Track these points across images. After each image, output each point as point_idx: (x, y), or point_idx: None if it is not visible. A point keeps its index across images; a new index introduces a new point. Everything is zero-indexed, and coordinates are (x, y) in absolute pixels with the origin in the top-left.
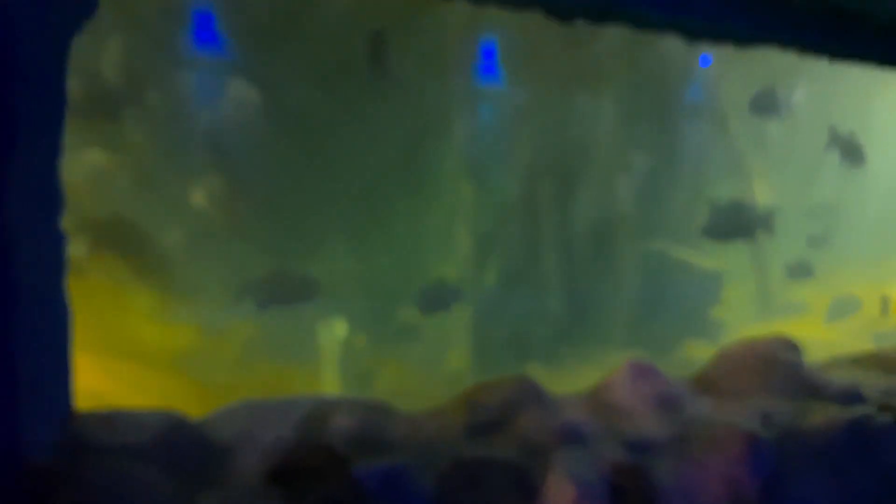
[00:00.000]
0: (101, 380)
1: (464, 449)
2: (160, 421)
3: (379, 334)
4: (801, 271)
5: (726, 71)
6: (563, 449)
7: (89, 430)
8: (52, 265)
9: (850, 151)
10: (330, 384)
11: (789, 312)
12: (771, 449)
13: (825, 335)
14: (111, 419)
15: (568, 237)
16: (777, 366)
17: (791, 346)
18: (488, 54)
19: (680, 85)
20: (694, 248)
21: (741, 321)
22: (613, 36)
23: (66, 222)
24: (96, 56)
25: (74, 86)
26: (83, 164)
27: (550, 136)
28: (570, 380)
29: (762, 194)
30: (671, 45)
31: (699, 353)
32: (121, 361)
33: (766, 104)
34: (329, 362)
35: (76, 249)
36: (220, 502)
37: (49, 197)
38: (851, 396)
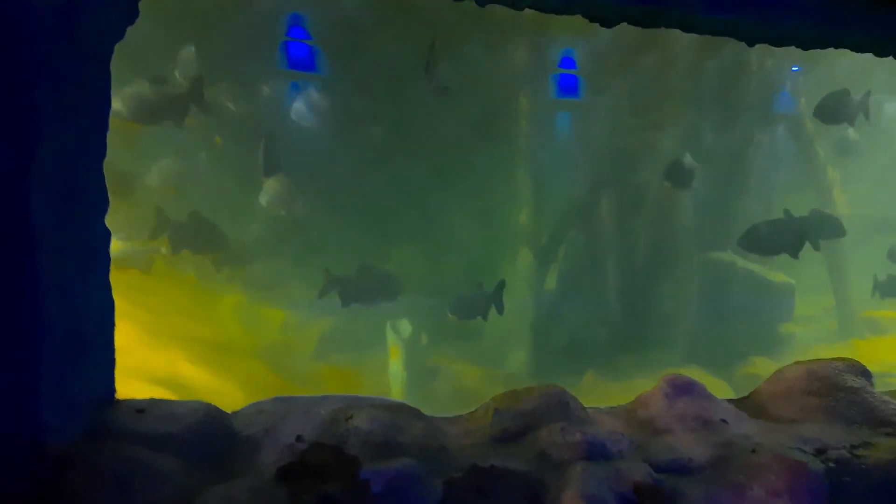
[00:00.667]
0: (186, 368)
1: (480, 457)
2: (193, 412)
3: (443, 334)
4: (892, 289)
5: (804, 77)
6: (583, 465)
7: (121, 418)
8: (93, 260)
9: None
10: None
11: (873, 332)
12: (823, 483)
13: None
14: (147, 408)
15: (633, 245)
16: (839, 391)
17: (859, 370)
18: (566, 63)
19: (755, 90)
20: (765, 259)
21: (815, 338)
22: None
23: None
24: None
25: None
26: (165, 168)
27: (619, 141)
28: (623, 391)
29: (838, 204)
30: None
31: (765, 371)
32: (209, 350)
33: (835, 110)
34: (398, 360)
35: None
36: (225, 497)
37: (91, 196)
38: None
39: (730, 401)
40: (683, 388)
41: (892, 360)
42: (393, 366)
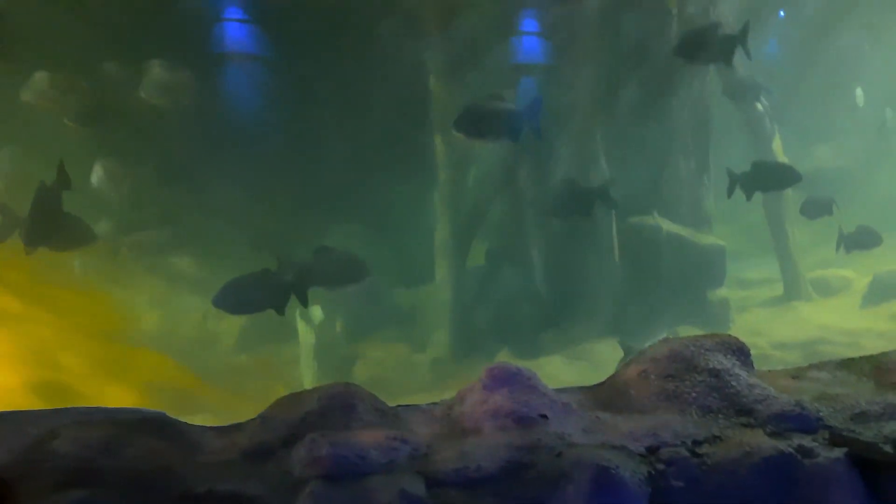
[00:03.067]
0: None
1: (215, 480)
2: None
3: (373, 318)
4: (861, 241)
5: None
6: (316, 486)
7: None
8: None
9: None
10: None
11: (823, 294)
12: (637, 492)
13: (853, 323)
14: None
15: (549, 210)
16: (699, 373)
17: (731, 348)
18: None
19: None
20: (693, 221)
21: (754, 304)
22: None
23: None
24: None
25: None
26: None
27: None
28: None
29: (778, 156)
30: None
31: None
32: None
33: (698, 48)
34: (308, 350)
35: None
36: None
37: None
38: (794, 419)
39: (584, 388)
40: (504, 379)
41: (836, 325)
42: (304, 356)
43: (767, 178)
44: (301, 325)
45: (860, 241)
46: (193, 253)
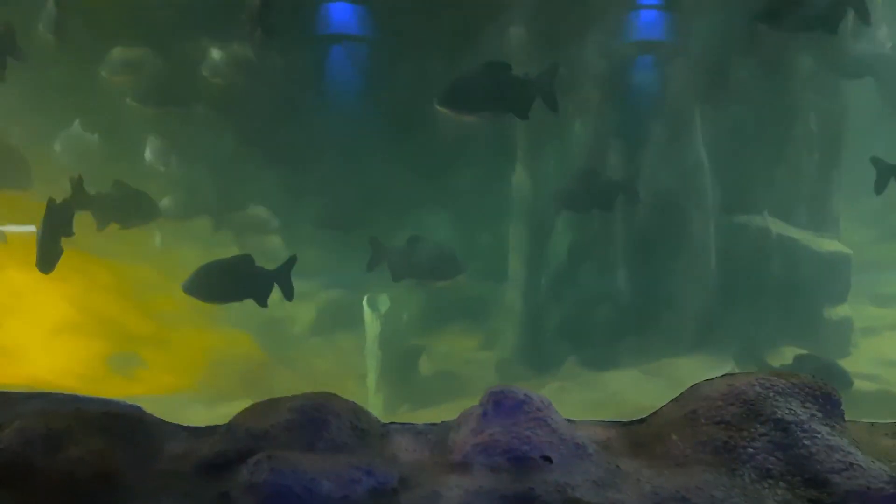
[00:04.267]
0: None
1: (142, 496)
2: None
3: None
4: None
5: None
6: None
7: None
8: None
9: None
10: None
11: None
12: None
13: None
14: None
15: (635, 208)
16: (762, 424)
17: (812, 394)
18: None
19: None
20: (813, 223)
21: (885, 327)
22: None
23: None
24: None
25: None
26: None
27: None
28: (591, 387)
29: None
30: None
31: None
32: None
33: None
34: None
35: None
36: None
37: None
38: (884, 501)
39: (620, 424)
40: (507, 406)
41: None
42: (368, 346)
43: None
44: (367, 313)
45: None
46: (281, 233)
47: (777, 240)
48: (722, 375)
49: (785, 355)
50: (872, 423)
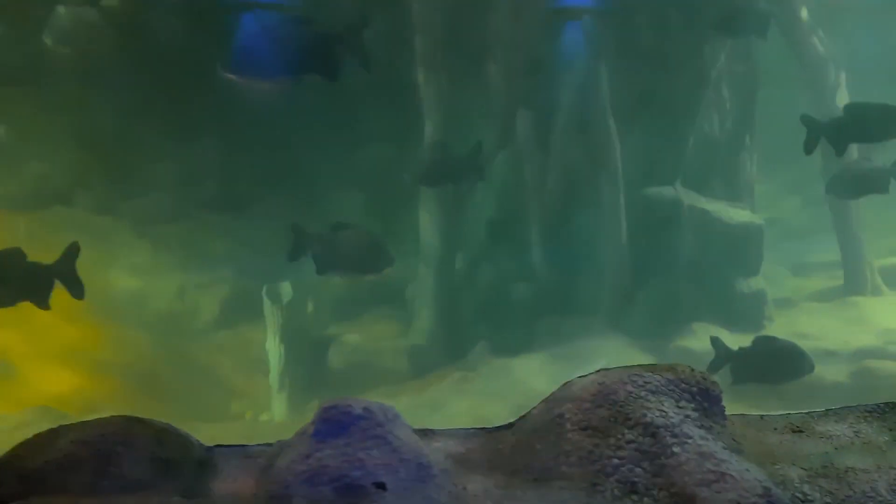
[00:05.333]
0: None
1: None
2: None
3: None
4: None
5: None
6: None
7: None
8: None
9: None
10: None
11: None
12: None
13: None
14: None
15: (556, 183)
16: (628, 429)
17: (689, 390)
18: None
19: None
20: (727, 193)
21: (803, 298)
22: None
23: None
24: None
25: None
26: None
27: None
28: (501, 374)
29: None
30: None
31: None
32: None
33: None
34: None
35: None
36: None
37: None
38: None
39: (488, 432)
40: (341, 424)
41: None
42: (270, 339)
43: (868, 125)
44: (266, 305)
45: None
46: (181, 222)
47: (688, 211)
48: (597, 371)
49: (696, 332)
50: (762, 416)
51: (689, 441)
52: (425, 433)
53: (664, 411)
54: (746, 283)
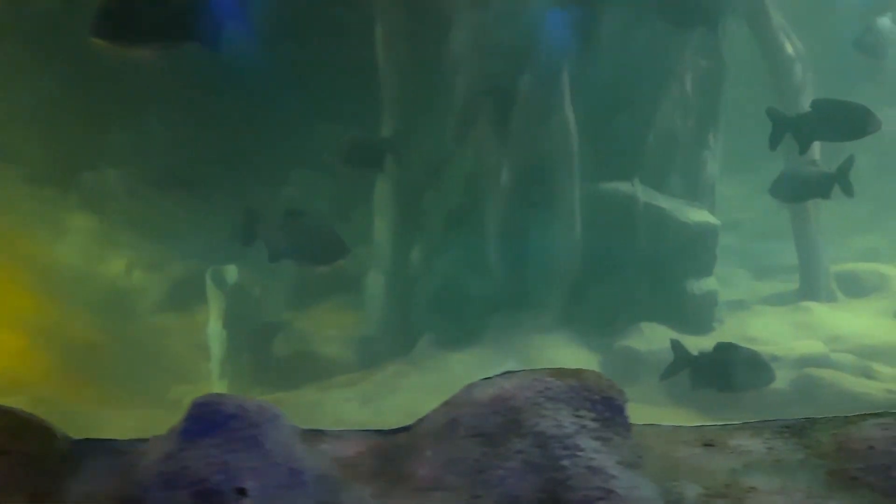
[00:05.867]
0: None
1: None
2: None
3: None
4: None
5: None
6: None
7: None
8: None
9: None
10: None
11: (852, 294)
12: None
13: (878, 336)
14: None
15: (513, 172)
16: (521, 437)
17: (595, 401)
18: None
19: None
20: (687, 191)
21: (756, 301)
22: None
23: None
24: None
25: None
26: None
27: None
28: (438, 371)
29: None
30: None
31: (650, 343)
32: None
33: None
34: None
35: None
36: None
37: None
38: None
39: (381, 434)
40: (212, 423)
41: (854, 336)
42: (212, 324)
43: (836, 124)
44: (210, 288)
45: None
46: (133, 198)
47: (644, 209)
48: (502, 373)
49: (644, 331)
50: (675, 428)
51: (581, 454)
52: (315, 434)
53: (558, 420)
54: (698, 283)
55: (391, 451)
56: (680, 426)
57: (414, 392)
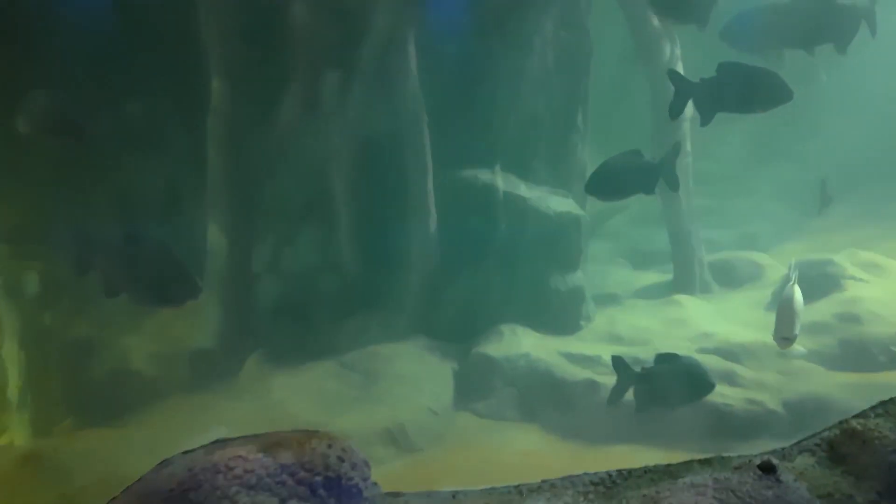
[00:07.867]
0: None
1: None
2: None
3: None
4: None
5: None
6: None
7: None
8: None
9: None
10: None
11: (726, 286)
12: None
13: (747, 332)
14: None
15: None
16: None
17: (300, 481)
18: None
19: None
20: (552, 179)
21: (631, 294)
22: None
23: None
24: None
25: None
26: None
27: None
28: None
29: None
30: None
31: (526, 342)
32: None
33: None
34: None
35: None
36: None
37: None
38: None
39: None
40: None
41: (723, 331)
42: (7, 343)
43: (745, 90)
44: (0, 299)
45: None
46: None
47: (504, 198)
48: (212, 443)
49: (503, 334)
50: (455, 494)
51: None
52: None
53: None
54: (563, 279)
55: None
56: (461, 490)
57: (217, 426)
